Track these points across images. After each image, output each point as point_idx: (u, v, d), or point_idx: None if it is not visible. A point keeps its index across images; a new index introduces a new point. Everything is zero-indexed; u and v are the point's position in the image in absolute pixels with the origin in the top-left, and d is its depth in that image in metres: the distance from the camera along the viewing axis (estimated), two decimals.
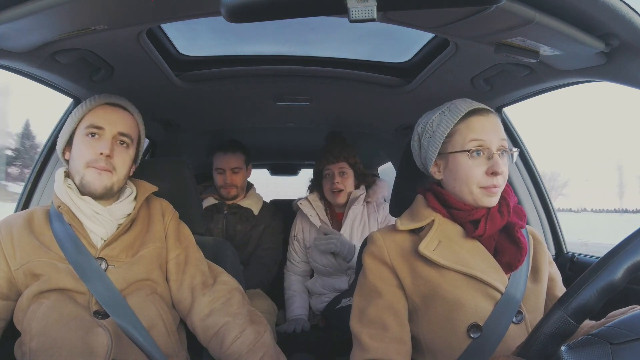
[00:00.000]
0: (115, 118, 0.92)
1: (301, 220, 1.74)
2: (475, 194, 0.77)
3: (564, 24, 0.72)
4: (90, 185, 0.88)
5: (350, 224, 1.62)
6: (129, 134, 0.93)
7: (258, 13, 0.56)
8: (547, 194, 1.44)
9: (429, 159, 0.84)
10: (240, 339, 0.89)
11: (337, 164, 1.63)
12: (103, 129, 0.90)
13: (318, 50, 1.25)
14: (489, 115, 0.80)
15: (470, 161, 0.77)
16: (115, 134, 0.91)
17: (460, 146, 0.78)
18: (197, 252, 1.02)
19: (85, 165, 0.88)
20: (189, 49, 1.19)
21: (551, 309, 0.47)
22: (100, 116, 0.91)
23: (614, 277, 0.46)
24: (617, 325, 0.48)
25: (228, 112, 1.62)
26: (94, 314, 0.84)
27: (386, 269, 0.81)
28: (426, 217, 0.82)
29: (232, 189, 1.72)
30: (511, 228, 0.78)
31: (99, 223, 0.89)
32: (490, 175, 0.76)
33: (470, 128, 0.78)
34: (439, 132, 0.81)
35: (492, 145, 0.77)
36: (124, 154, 0.93)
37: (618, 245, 0.49)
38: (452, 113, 0.80)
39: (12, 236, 0.85)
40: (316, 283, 1.68)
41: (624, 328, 0.47)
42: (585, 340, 0.47)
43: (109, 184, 0.90)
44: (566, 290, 0.48)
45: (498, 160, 0.76)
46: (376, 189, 1.70)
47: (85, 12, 0.72)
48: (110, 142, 0.90)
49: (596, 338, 0.46)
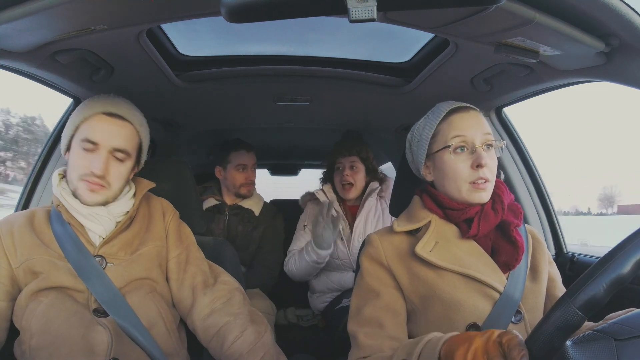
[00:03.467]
0: (112, 132, 0.88)
1: (312, 211, 1.73)
2: (464, 191, 0.78)
3: (564, 24, 0.72)
4: (81, 199, 0.87)
5: (365, 216, 1.63)
6: (125, 149, 0.90)
7: (258, 13, 0.56)
8: (547, 194, 1.44)
9: (419, 162, 0.86)
10: (241, 339, 0.89)
11: (349, 158, 1.64)
12: (97, 144, 0.86)
13: (318, 50, 1.25)
14: (469, 111, 0.82)
15: (454, 157, 0.78)
16: (109, 150, 0.88)
17: (443, 143, 0.80)
18: (197, 252, 1.02)
19: (78, 178, 0.87)
20: (189, 49, 1.19)
21: (559, 301, 0.46)
22: (96, 130, 0.87)
23: (622, 270, 0.46)
24: (621, 322, 0.48)
25: (228, 112, 1.62)
26: (94, 312, 0.84)
27: (383, 270, 0.81)
28: (423, 218, 0.82)
29: (252, 186, 1.73)
30: (506, 227, 0.78)
31: (96, 221, 0.88)
32: (475, 168, 0.77)
33: (452, 126, 0.80)
34: (424, 135, 0.84)
35: (476, 140, 0.78)
36: (120, 167, 0.90)
37: (626, 239, 0.48)
38: (434, 114, 0.84)
39: (13, 234, 0.85)
40: (320, 280, 1.68)
41: (628, 325, 0.47)
42: (590, 336, 0.47)
43: (101, 199, 0.88)
44: (574, 282, 0.47)
45: (481, 152, 0.77)
46: (389, 184, 1.70)
47: (85, 12, 0.72)
48: (104, 160, 0.87)
49: (601, 334, 0.47)
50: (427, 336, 0.61)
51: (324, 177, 1.80)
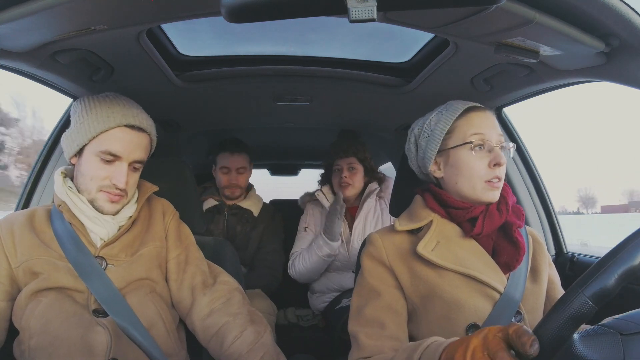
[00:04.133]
0: (133, 145, 0.87)
1: (312, 211, 1.74)
2: (478, 189, 0.78)
3: (564, 24, 0.72)
4: (101, 209, 0.87)
5: (364, 217, 1.63)
6: (143, 160, 0.91)
7: (258, 13, 0.56)
8: (547, 194, 1.44)
9: (427, 157, 0.84)
10: (240, 339, 0.89)
11: (346, 159, 1.63)
12: (120, 157, 0.86)
13: (318, 50, 1.25)
14: (486, 112, 0.82)
15: (473, 154, 0.78)
16: (131, 162, 0.88)
17: (462, 140, 0.79)
18: (197, 252, 1.02)
19: (97, 189, 0.86)
20: (189, 49, 1.19)
21: (569, 290, 0.46)
22: (119, 142, 0.85)
23: (633, 261, 0.45)
24: (626, 317, 0.49)
25: (228, 112, 1.62)
26: (93, 313, 0.84)
27: (384, 269, 0.81)
28: (424, 217, 0.82)
29: (236, 189, 1.71)
30: (509, 228, 0.78)
31: (100, 225, 0.88)
32: (493, 167, 0.77)
33: (471, 123, 0.80)
34: (438, 130, 0.82)
35: (492, 140, 0.79)
36: (135, 176, 0.92)
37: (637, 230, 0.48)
38: (449, 111, 0.82)
39: (12, 234, 0.85)
40: (320, 281, 1.68)
41: (633, 321, 0.47)
42: (597, 330, 0.47)
43: (120, 208, 0.90)
44: (585, 272, 0.46)
45: (499, 152, 0.78)
46: (388, 184, 1.70)
47: (85, 12, 0.72)
48: (126, 173, 0.87)
49: (607, 328, 0.47)
50: (426, 341, 0.61)
51: (322, 179, 1.79)
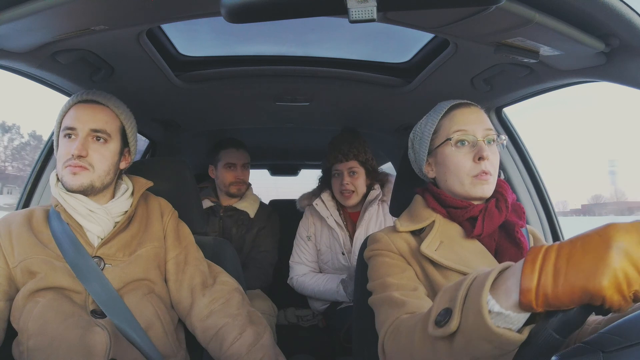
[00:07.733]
0: (87, 115, 0.89)
1: (313, 219, 1.67)
2: (466, 184, 0.78)
3: (564, 24, 0.72)
4: (67, 185, 0.87)
5: (366, 225, 1.54)
6: (102, 129, 0.90)
7: (258, 13, 0.56)
8: (546, 193, 1.44)
9: (420, 159, 0.86)
10: (240, 340, 0.89)
11: (347, 163, 1.52)
12: (75, 129, 0.88)
13: (318, 50, 1.25)
14: (470, 107, 0.83)
15: (455, 150, 0.79)
16: (87, 132, 0.88)
17: (445, 137, 0.81)
18: (196, 252, 1.02)
19: (62, 166, 0.88)
20: (189, 49, 1.19)
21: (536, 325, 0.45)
22: (73, 116, 0.89)
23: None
24: (609, 331, 0.47)
25: (228, 112, 1.62)
26: (91, 313, 0.84)
27: (397, 256, 0.79)
28: (426, 218, 0.82)
29: (242, 185, 1.71)
30: (511, 228, 0.77)
31: (94, 221, 0.88)
32: (477, 161, 0.77)
33: (453, 120, 0.81)
34: (426, 131, 0.85)
35: (477, 134, 0.79)
36: (101, 149, 0.90)
37: None
38: (435, 111, 0.85)
39: (10, 233, 0.85)
40: None
41: (615, 334, 0.46)
42: (578, 349, 0.46)
43: (86, 182, 0.87)
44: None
45: (483, 145, 0.78)
46: (391, 187, 1.65)
47: (85, 12, 0.72)
48: (82, 141, 0.87)
49: (588, 346, 0.46)
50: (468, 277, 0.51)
51: (321, 184, 1.68)
